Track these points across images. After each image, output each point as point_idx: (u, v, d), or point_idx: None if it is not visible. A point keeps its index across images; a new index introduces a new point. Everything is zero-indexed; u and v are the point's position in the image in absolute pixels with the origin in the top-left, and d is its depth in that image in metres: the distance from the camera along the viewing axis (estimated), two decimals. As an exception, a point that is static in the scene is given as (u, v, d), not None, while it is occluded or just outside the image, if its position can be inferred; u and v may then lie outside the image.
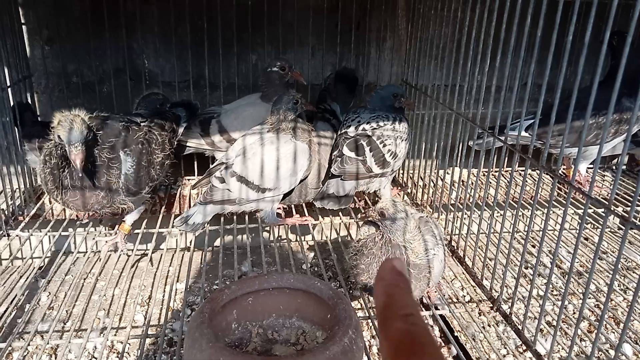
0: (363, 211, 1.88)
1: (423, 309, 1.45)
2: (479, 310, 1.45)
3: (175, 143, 1.71)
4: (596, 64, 0.93)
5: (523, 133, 1.82)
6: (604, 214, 0.93)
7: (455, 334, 1.39)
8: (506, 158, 2.01)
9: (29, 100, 1.86)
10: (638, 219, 1.89)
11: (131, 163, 1.44)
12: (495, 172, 2.09)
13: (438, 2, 1.68)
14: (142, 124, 1.56)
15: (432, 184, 1.83)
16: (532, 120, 1.83)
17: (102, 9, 1.85)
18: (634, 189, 1.46)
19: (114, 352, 1.40)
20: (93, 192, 1.39)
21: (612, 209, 0.92)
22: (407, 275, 0.48)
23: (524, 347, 1.34)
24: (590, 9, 0.91)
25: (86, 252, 1.75)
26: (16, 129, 1.67)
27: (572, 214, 1.94)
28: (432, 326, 1.46)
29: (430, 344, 0.39)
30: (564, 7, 1.01)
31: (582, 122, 1.10)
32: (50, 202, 1.77)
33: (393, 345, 0.40)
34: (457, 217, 1.57)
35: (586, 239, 2.02)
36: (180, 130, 1.78)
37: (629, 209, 0.99)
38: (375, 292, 0.46)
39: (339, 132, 1.77)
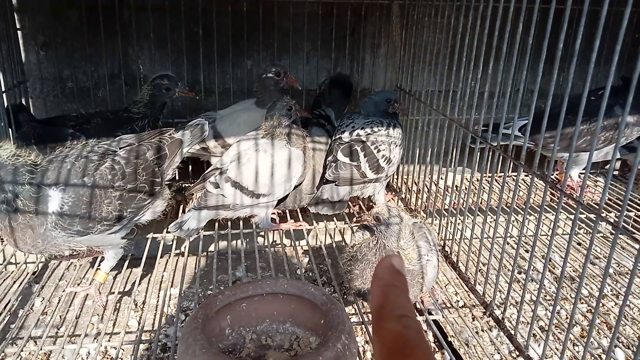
0: (358, 216, 1.88)
1: (417, 314, 1.45)
2: (472, 315, 1.46)
3: (161, 175, 1.46)
4: (587, 70, 0.94)
5: (516, 132, 1.83)
6: (594, 220, 0.94)
7: (449, 339, 1.40)
8: (499, 164, 2.02)
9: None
10: (630, 224, 1.91)
11: (66, 199, 1.25)
12: (490, 177, 2.10)
13: (432, 9, 1.70)
14: (117, 150, 1.38)
15: (425, 189, 1.84)
16: (525, 121, 1.84)
17: (97, 15, 1.86)
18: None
19: (107, 358, 1.39)
20: (20, 229, 1.23)
21: (602, 215, 0.93)
22: (405, 274, 0.47)
23: (517, 353, 1.35)
24: (581, 16, 0.92)
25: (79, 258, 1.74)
26: (10, 131, 1.67)
27: (565, 219, 1.96)
28: (426, 331, 1.47)
29: (422, 347, 0.38)
30: (555, 14, 1.02)
31: (573, 128, 1.12)
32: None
33: (385, 346, 0.40)
34: (451, 222, 1.58)
35: (579, 244, 2.03)
36: (177, 159, 1.52)
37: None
38: (371, 290, 0.45)
39: (333, 138, 1.78)
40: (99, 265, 1.50)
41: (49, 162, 1.28)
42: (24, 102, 1.86)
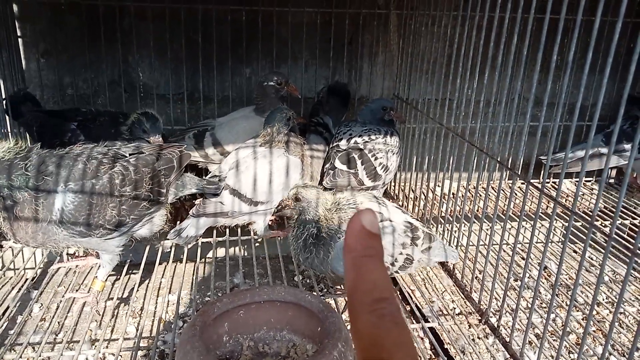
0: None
1: (414, 321, 1.46)
2: (468, 322, 1.46)
3: (167, 187, 1.46)
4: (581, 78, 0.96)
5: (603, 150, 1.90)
6: (588, 228, 0.95)
7: (445, 346, 1.41)
8: (494, 171, 2.04)
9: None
10: (625, 232, 1.92)
11: (72, 198, 1.28)
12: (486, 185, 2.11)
13: (429, 19, 1.72)
14: (126, 155, 1.40)
15: (423, 197, 1.85)
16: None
17: (98, 23, 1.87)
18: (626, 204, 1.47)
19: (105, 365, 1.40)
20: (19, 221, 1.25)
21: (595, 223, 0.94)
22: (379, 232, 0.38)
23: (513, 360, 1.36)
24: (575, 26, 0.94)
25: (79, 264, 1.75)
26: (8, 121, 1.70)
27: (561, 227, 1.97)
28: (422, 338, 1.47)
29: (399, 343, 0.34)
30: (550, 24, 1.04)
31: None
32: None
33: (362, 345, 0.35)
34: (447, 229, 1.59)
35: (575, 251, 2.04)
36: (188, 187, 1.54)
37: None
38: (344, 267, 0.39)
39: (331, 145, 1.79)
40: (97, 273, 1.50)
41: (60, 158, 1.31)
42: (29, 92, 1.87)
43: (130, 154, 1.41)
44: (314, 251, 1.32)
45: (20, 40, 1.90)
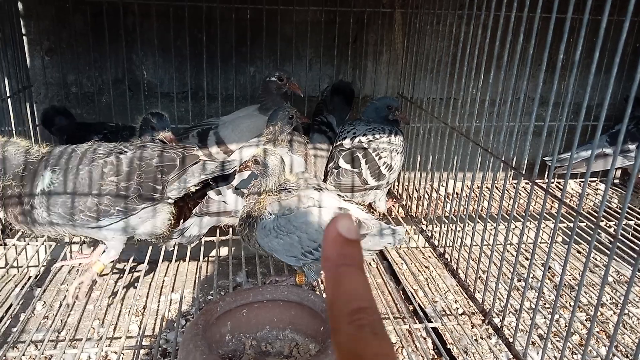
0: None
1: (417, 321, 1.45)
2: (472, 323, 1.46)
3: (164, 183, 1.45)
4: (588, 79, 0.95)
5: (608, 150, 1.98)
6: (593, 229, 0.94)
7: (448, 346, 1.40)
8: (499, 171, 2.03)
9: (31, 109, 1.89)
10: (630, 233, 1.91)
11: (54, 179, 1.32)
12: (490, 184, 2.10)
13: (434, 17, 1.71)
14: (124, 148, 1.43)
15: (426, 196, 1.85)
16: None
17: (102, 21, 1.87)
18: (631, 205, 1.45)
19: (108, 363, 1.40)
20: (11, 202, 1.32)
21: (600, 224, 0.93)
22: (358, 237, 0.37)
23: (516, 360, 1.35)
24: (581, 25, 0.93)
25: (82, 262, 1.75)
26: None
27: (565, 227, 1.96)
28: (425, 338, 1.47)
29: (382, 357, 0.33)
30: (556, 23, 1.03)
31: None
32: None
33: (343, 357, 0.34)
34: (451, 229, 1.59)
35: (579, 252, 2.03)
36: (191, 180, 1.51)
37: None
38: (325, 278, 0.38)
39: (334, 145, 1.79)
40: (100, 256, 1.53)
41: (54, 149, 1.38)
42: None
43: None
44: (247, 224, 1.39)
45: (25, 38, 1.90)
